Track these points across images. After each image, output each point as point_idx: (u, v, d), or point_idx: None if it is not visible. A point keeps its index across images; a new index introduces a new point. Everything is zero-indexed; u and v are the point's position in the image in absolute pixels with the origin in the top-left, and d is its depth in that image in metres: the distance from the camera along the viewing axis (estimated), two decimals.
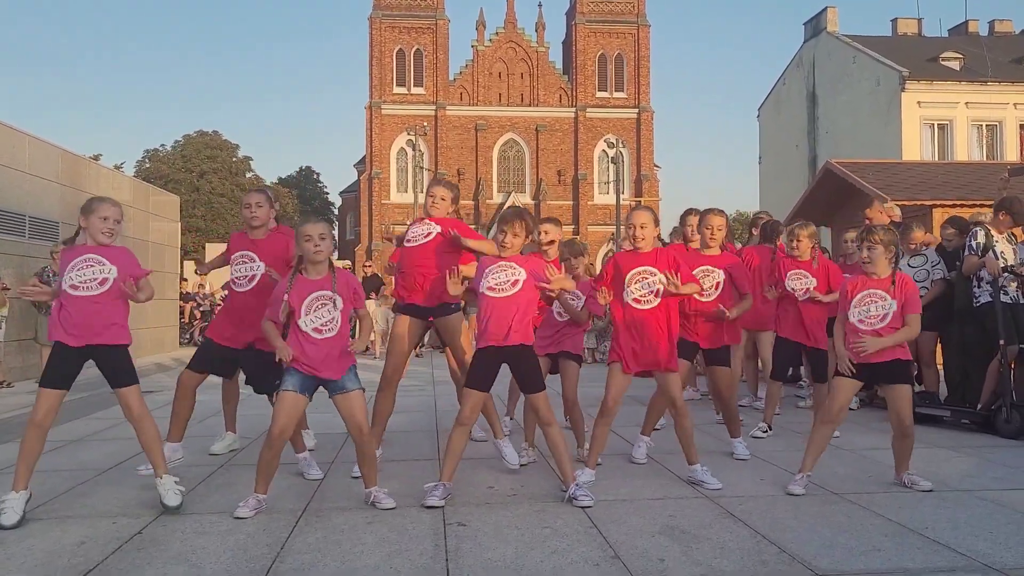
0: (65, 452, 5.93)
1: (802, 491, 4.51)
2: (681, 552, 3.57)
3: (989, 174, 15.86)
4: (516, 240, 4.54)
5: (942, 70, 33.65)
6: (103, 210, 4.27)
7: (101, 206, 4.29)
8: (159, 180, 45.05)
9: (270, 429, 4.17)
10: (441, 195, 5.19)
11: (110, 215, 4.28)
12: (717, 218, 5.52)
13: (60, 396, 4.21)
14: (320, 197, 75.10)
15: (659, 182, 59.81)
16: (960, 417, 6.61)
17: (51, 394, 4.17)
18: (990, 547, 3.61)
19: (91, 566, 3.45)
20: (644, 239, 4.77)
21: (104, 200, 4.36)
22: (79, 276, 4.19)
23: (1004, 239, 6.81)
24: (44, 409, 4.14)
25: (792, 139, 39.13)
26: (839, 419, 4.71)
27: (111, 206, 4.32)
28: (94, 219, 4.26)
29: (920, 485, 4.59)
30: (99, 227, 4.26)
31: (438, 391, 9.42)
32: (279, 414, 4.15)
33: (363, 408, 4.28)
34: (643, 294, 4.71)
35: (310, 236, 4.22)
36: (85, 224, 4.29)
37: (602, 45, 58.99)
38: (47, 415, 4.15)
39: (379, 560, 3.49)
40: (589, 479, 4.68)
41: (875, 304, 4.54)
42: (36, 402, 4.17)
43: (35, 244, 12.27)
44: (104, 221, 4.26)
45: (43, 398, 4.15)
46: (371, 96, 57.13)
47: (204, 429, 6.46)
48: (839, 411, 4.66)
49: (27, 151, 12.33)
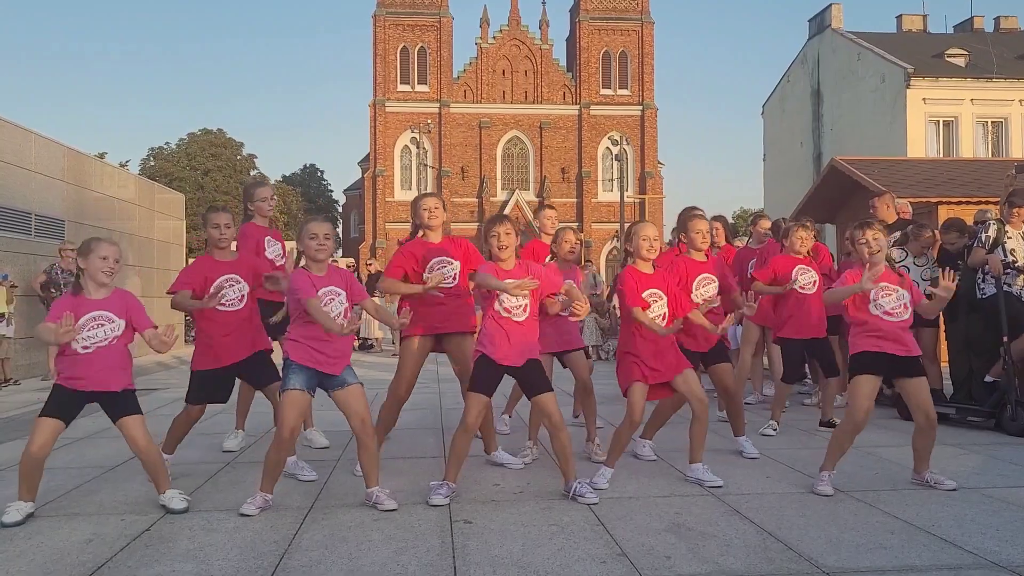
0: (73, 449, 5.95)
1: (831, 491, 4.47)
2: (687, 549, 3.58)
3: (995, 171, 15.80)
4: (510, 240, 4.49)
5: (947, 67, 33.55)
6: (102, 250, 4.22)
7: (100, 246, 4.23)
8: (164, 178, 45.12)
9: (279, 431, 4.17)
10: (435, 204, 5.09)
11: (109, 255, 4.23)
12: (704, 222, 5.46)
13: (59, 429, 4.17)
14: (324, 195, 75.15)
15: (663, 180, 59.74)
16: (966, 415, 6.61)
17: (50, 424, 4.12)
18: (996, 545, 3.60)
19: (99, 563, 3.47)
20: (656, 251, 4.78)
21: (102, 240, 4.31)
22: (90, 337, 4.16)
23: (1020, 235, 6.75)
24: (40, 442, 4.09)
25: (796, 137, 39.06)
26: (864, 423, 4.53)
27: (110, 245, 4.27)
28: (94, 259, 4.19)
29: (945, 484, 4.54)
30: (99, 267, 4.20)
31: (443, 388, 9.42)
32: (288, 414, 4.15)
33: (364, 401, 4.29)
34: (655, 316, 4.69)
35: (315, 235, 4.23)
36: (84, 265, 4.21)
37: (606, 42, 58.92)
38: (42, 448, 4.11)
39: (386, 557, 3.50)
40: (608, 477, 4.68)
41: (893, 295, 4.52)
42: (33, 432, 4.12)
43: (41, 242, 12.29)
44: (104, 261, 4.21)
45: (41, 429, 4.10)
46: (375, 94, 57.15)
47: (212, 426, 6.47)
48: (865, 415, 4.49)
49: (33, 149, 12.36)
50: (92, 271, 4.22)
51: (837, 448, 4.60)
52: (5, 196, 11.58)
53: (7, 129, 11.76)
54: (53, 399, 4.20)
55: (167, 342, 4.21)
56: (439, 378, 10.43)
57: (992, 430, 6.37)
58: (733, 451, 5.62)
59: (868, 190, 13.71)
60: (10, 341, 10.93)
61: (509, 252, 4.51)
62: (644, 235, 4.74)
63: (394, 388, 5.21)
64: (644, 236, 4.74)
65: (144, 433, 4.27)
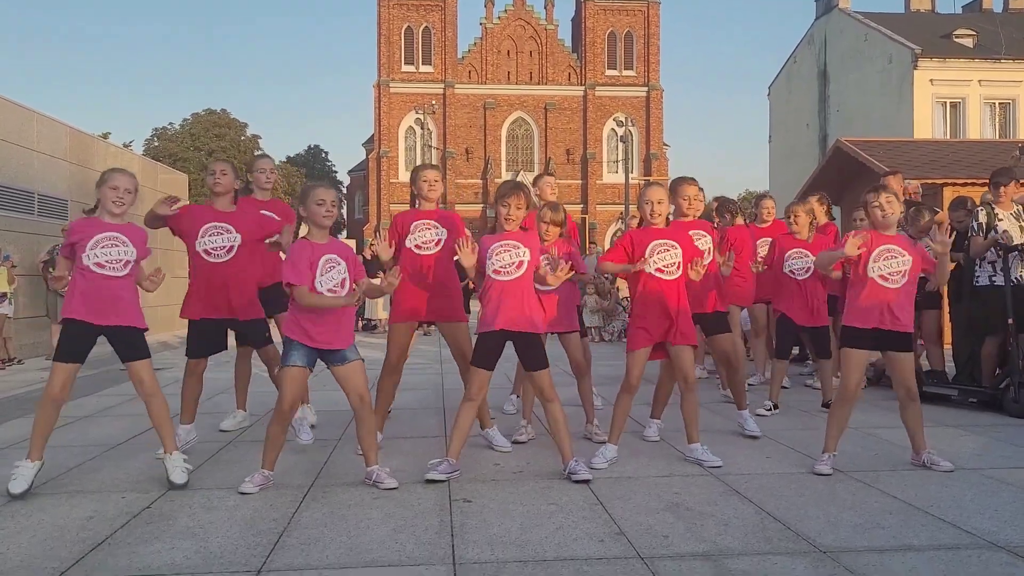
0: (75, 428, 5.98)
1: (830, 471, 4.49)
2: (685, 529, 3.58)
3: (1001, 152, 15.71)
4: (519, 212, 4.52)
5: (955, 47, 33.27)
6: (113, 180, 4.30)
7: (112, 176, 4.32)
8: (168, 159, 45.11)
9: (279, 405, 4.19)
10: (435, 177, 5.04)
11: (120, 184, 4.29)
12: (692, 187, 5.39)
13: (75, 370, 4.24)
14: (328, 176, 74.98)
15: (668, 161, 59.50)
16: (968, 396, 6.60)
17: (67, 368, 4.19)
18: (995, 525, 3.61)
19: (100, 540, 3.49)
20: (660, 215, 4.77)
21: (117, 171, 4.39)
22: (105, 255, 4.20)
23: (1011, 215, 6.72)
24: (60, 383, 4.17)
25: (803, 118, 38.83)
26: (856, 395, 4.67)
27: (123, 176, 4.34)
28: (105, 189, 4.29)
29: (941, 465, 4.55)
30: (109, 196, 4.28)
31: (444, 369, 9.44)
32: (287, 389, 4.17)
33: (364, 376, 4.28)
34: (666, 264, 4.70)
35: (323, 200, 4.20)
36: (100, 196, 4.34)
37: (612, 23, 58.51)
38: (63, 389, 4.18)
39: (385, 535, 3.51)
40: (613, 455, 4.71)
41: (896, 259, 4.50)
42: (51, 376, 4.18)
43: (44, 222, 12.31)
44: (114, 191, 4.27)
45: (58, 372, 4.17)
46: (379, 74, 56.88)
47: (213, 406, 6.49)
48: (856, 387, 4.62)
49: (35, 129, 12.35)
50: (104, 201, 4.32)
51: (836, 425, 4.63)
52: (8, 176, 11.58)
53: (9, 109, 11.74)
54: (64, 340, 4.22)
55: (156, 282, 4.37)
56: (441, 359, 10.45)
57: (994, 411, 6.35)
58: (733, 432, 5.63)
59: (873, 171, 13.66)
60: (10, 321, 10.95)
61: (514, 225, 4.52)
62: (647, 199, 4.78)
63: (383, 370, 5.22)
64: (647, 200, 4.78)
65: (151, 377, 4.33)
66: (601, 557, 3.25)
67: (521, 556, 3.26)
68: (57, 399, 4.18)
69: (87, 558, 3.29)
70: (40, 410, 4.22)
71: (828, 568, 3.12)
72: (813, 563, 3.18)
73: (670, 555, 3.27)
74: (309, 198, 4.23)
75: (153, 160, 22.54)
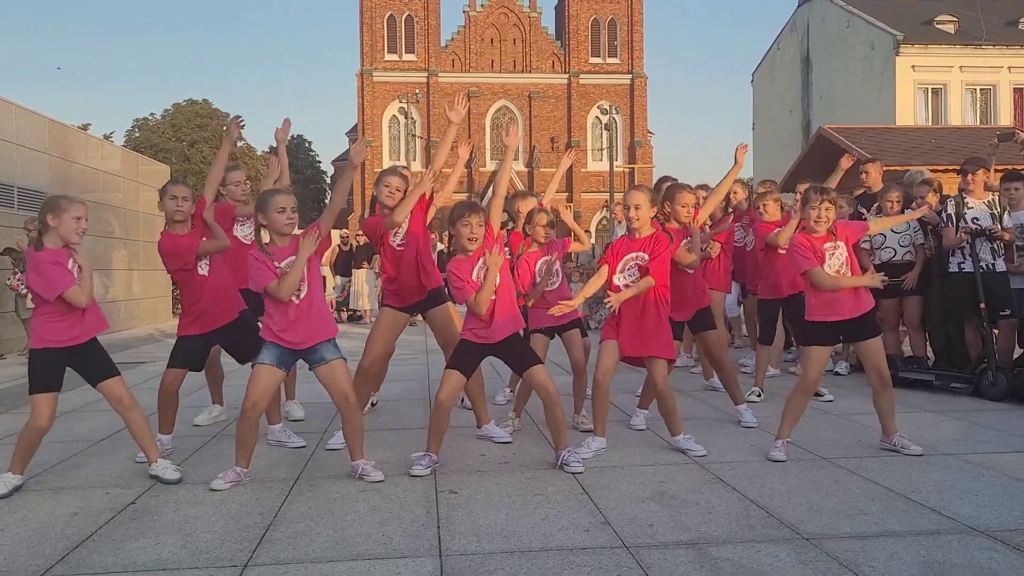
0: (58, 423, 5.88)
1: (784, 457, 4.55)
2: (670, 517, 3.61)
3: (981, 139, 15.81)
4: (480, 230, 4.43)
5: (936, 33, 33.40)
6: (76, 210, 4.14)
7: (72, 206, 4.14)
8: (149, 150, 44.65)
9: (243, 402, 4.17)
10: (396, 186, 5.04)
11: (83, 215, 4.17)
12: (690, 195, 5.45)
13: (56, 398, 4.20)
14: (312, 166, 74.59)
15: (653, 148, 59.51)
16: (948, 381, 6.66)
17: (47, 398, 4.14)
18: (975, 510, 3.65)
19: (84, 536, 3.48)
20: (638, 219, 4.75)
21: (74, 200, 4.21)
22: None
23: (982, 204, 6.77)
24: (47, 415, 4.12)
25: (786, 105, 38.90)
26: (815, 387, 4.87)
27: (82, 206, 4.21)
28: (67, 219, 4.10)
29: (910, 449, 4.63)
30: (73, 227, 4.13)
31: (431, 360, 9.44)
32: (252, 387, 4.15)
33: (346, 376, 4.26)
34: (631, 282, 4.71)
35: (284, 208, 4.14)
36: (56, 223, 4.10)
37: (595, 10, 58.35)
38: (50, 420, 4.15)
39: (371, 528, 3.52)
40: (601, 447, 4.73)
41: (835, 253, 4.59)
42: (36, 410, 4.11)
43: (24, 215, 12.17)
44: (78, 221, 4.14)
45: (42, 404, 4.11)
46: (362, 63, 56.54)
47: (197, 400, 6.47)
48: (815, 380, 4.75)
49: (14, 121, 12.21)
50: (65, 231, 4.12)
51: (791, 414, 4.70)
52: None
53: None
54: (39, 372, 4.16)
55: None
56: (427, 349, 10.44)
57: (972, 396, 6.41)
58: (717, 420, 5.67)
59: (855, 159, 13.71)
60: None
61: (477, 245, 4.45)
62: (626, 203, 4.79)
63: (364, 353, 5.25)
64: (626, 204, 4.79)
65: (127, 392, 4.30)
66: (587, 547, 3.27)
67: (507, 547, 3.28)
68: (44, 429, 4.16)
69: (72, 555, 3.28)
70: (25, 435, 4.17)
71: (811, 554, 3.16)
72: (796, 550, 3.21)
73: (655, 544, 3.29)
74: (269, 206, 4.13)
75: (134, 151, 22.35)
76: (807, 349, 4.73)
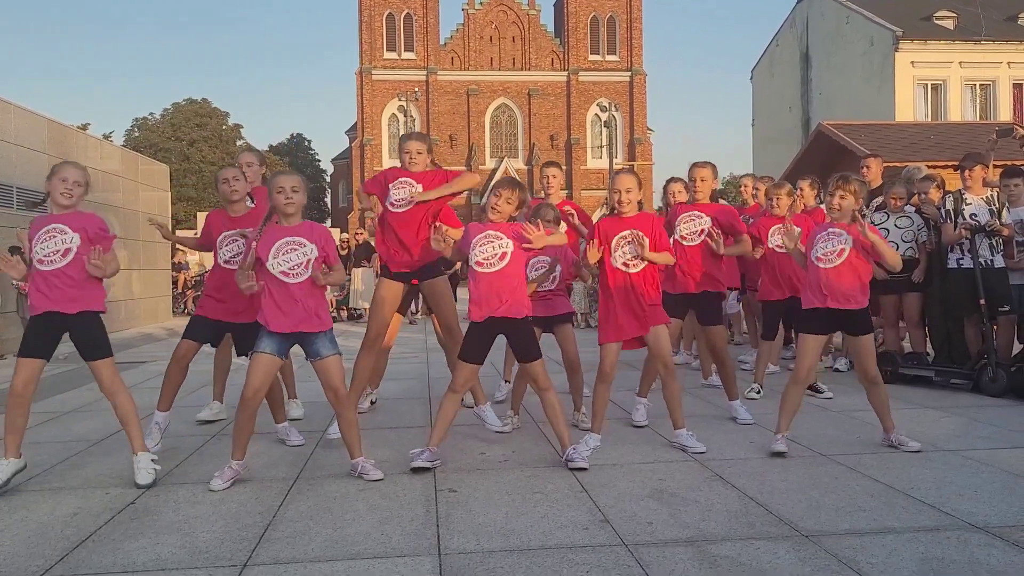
0: (58, 423, 5.95)
1: (785, 448, 4.57)
2: (669, 515, 3.61)
3: (981, 134, 15.82)
4: (507, 207, 4.50)
5: (936, 29, 33.38)
6: (62, 172, 4.24)
7: (61, 168, 4.26)
8: (148, 149, 44.70)
9: (243, 391, 4.16)
10: (417, 149, 5.05)
11: (69, 176, 4.23)
12: (704, 169, 5.60)
13: (39, 366, 4.18)
14: (312, 164, 74.52)
15: (652, 145, 59.53)
16: (948, 377, 6.66)
17: (29, 363, 4.14)
18: (974, 506, 3.65)
19: (84, 536, 3.48)
20: (628, 203, 4.77)
21: (66, 163, 4.34)
22: (43, 249, 4.16)
23: (980, 200, 6.78)
24: (23, 379, 4.12)
25: (785, 101, 38.90)
26: (809, 378, 4.85)
27: (72, 168, 4.29)
28: (55, 181, 4.22)
29: (908, 446, 4.64)
30: (59, 189, 4.21)
31: (430, 359, 9.44)
32: (252, 375, 4.14)
33: (339, 373, 4.25)
34: (631, 258, 4.71)
35: (282, 188, 4.16)
36: (49, 189, 4.24)
37: (594, 7, 58.34)
38: (26, 385, 4.13)
39: (370, 527, 3.52)
40: (596, 444, 4.73)
41: (831, 240, 4.63)
42: (15, 372, 4.15)
43: (24, 215, 12.17)
44: (63, 183, 4.21)
45: (21, 368, 4.13)
46: (361, 62, 56.54)
47: (196, 399, 6.47)
48: (808, 370, 4.74)
49: (13, 121, 12.20)
50: (54, 194, 4.23)
51: (788, 407, 4.71)
52: None
53: None
54: (27, 334, 4.20)
55: (99, 266, 4.17)
56: (427, 348, 10.44)
57: (972, 392, 6.41)
58: (716, 417, 5.67)
59: (855, 155, 13.71)
60: None
61: (498, 216, 4.51)
62: (615, 187, 4.83)
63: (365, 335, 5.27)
64: (615, 188, 4.83)
65: (112, 376, 4.27)
66: (586, 545, 3.27)
67: (506, 545, 3.28)
68: (21, 395, 4.13)
69: (72, 555, 3.28)
70: (7, 408, 4.18)
71: (810, 552, 3.16)
72: (795, 547, 3.21)
73: (654, 542, 3.29)
74: (270, 188, 4.23)
75: (134, 151, 22.34)
76: (801, 338, 4.77)
